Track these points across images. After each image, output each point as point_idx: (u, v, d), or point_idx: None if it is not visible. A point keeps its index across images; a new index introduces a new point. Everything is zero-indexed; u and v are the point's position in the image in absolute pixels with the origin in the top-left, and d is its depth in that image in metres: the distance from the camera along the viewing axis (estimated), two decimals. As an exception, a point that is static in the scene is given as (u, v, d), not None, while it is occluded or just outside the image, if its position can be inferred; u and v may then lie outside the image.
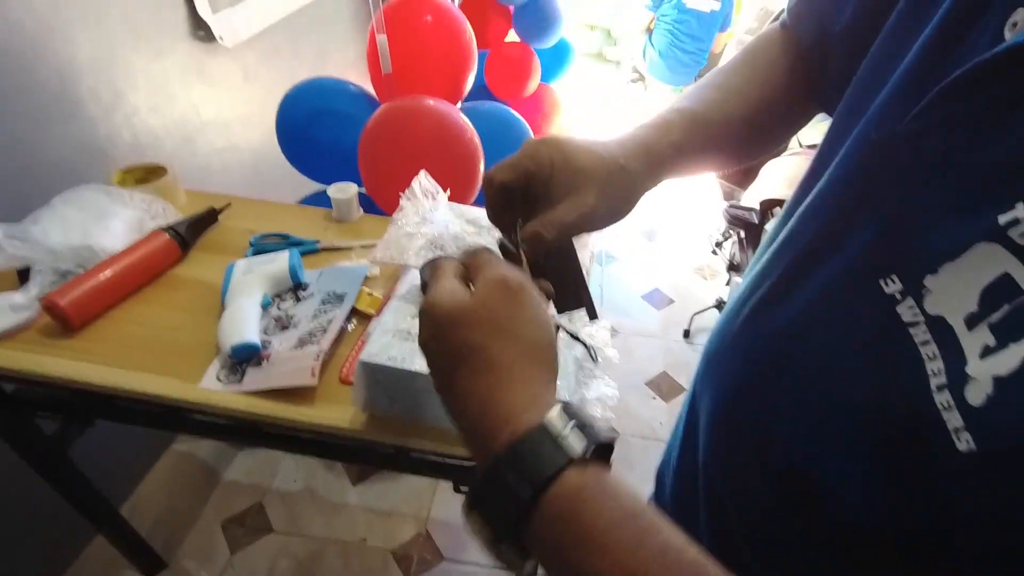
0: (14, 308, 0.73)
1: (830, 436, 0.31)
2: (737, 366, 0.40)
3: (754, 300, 0.39)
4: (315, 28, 1.84)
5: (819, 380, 0.32)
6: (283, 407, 0.67)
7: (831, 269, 0.32)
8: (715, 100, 0.48)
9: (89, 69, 1.04)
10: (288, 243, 0.91)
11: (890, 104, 0.31)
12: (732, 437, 0.40)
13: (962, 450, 0.23)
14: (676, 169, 0.46)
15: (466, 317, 0.31)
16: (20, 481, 0.99)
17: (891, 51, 0.33)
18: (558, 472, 0.26)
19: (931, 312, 0.26)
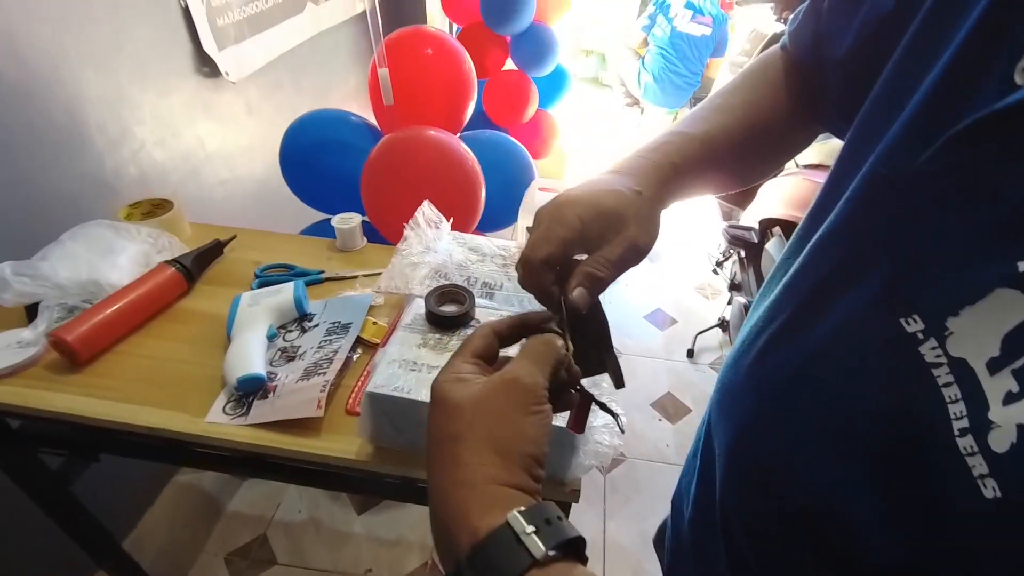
0: (22, 344, 0.74)
1: (848, 475, 0.31)
2: (752, 401, 0.39)
3: (769, 332, 0.38)
4: (315, 62, 1.89)
5: (837, 418, 0.32)
6: (289, 439, 0.67)
7: (849, 305, 0.32)
8: (716, 122, 0.48)
9: (97, 106, 1.06)
10: (293, 274, 0.92)
11: (901, 142, 0.31)
12: (748, 474, 0.39)
13: (988, 497, 0.23)
14: (681, 191, 0.46)
15: (457, 407, 0.31)
16: (21, 516, 0.98)
17: (900, 85, 0.33)
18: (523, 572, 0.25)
19: (953, 354, 0.26)
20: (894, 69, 0.34)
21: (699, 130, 0.47)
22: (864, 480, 0.30)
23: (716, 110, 0.50)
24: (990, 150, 0.26)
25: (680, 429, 1.84)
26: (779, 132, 0.51)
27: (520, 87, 2.24)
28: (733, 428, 0.42)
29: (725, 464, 0.42)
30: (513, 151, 1.37)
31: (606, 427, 0.59)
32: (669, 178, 0.44)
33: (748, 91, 0.51)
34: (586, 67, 4.86)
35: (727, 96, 0.51)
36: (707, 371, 2.08)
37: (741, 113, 0.49)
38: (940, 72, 0.30)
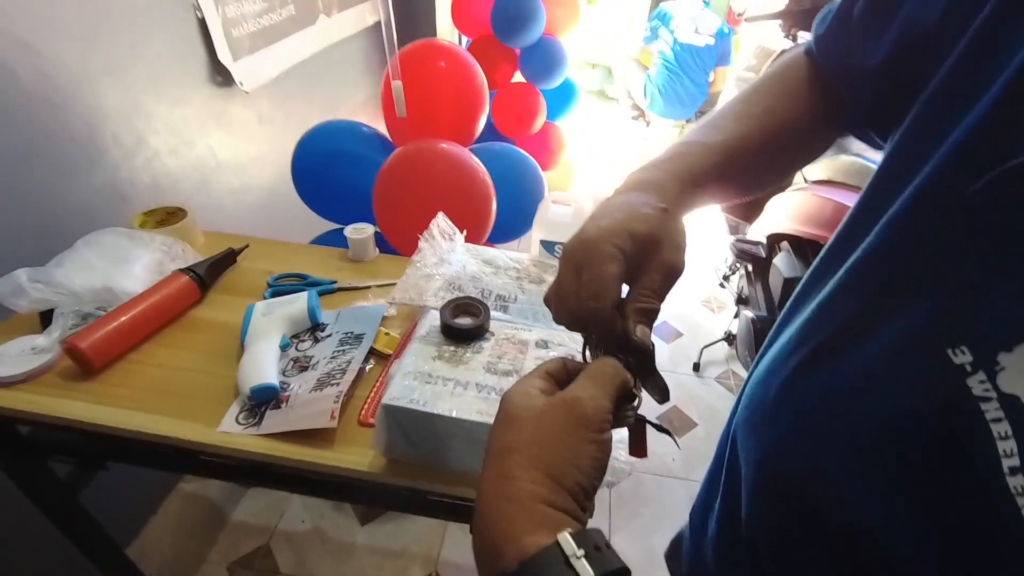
0: (36, 351, 0.74)
1: (889, 505, 0.30)
2: (785, 423, 0.38)
3: (803, 353, 0.37)
4: (326, 74, 1.91)
5: (878, 446, 0.31)
6: (302, 450, 0.66)
7: (893, 332, 0.31)
8: (733, 131, 0.47)
9: (113, 116, 1.08)
10: (305, 283, 0.92)
11: (953, 166, 0.30)
12: (779, 497, 0.38)
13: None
14: (699, 201, 0.45)
15: (516, 420, 0.32)
16: (25, 524, 0.97)
17: (948, 108, 0.32)
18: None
19: (1004, 390, 0.25)
20: (941, 89, 0.33)
21: (717, 140, 0.46)
22: (905, 510, 0.29)
23: (734, 117, 0.49)
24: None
25: (686, 443, 1.83)
26: (798, 139, 0.50)
27: (529, 99, 2.26)
28: (763, 448, 0.40)
29: (754, 484, 0.41)
30: (523, 163, 1.37)
31: (621, 443, 0.59)
32: (688, 190, 0.43)
33: (767, 97, 0.50)
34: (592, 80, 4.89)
35: (745, 103, 0.50)
36: (713, 385, 2.07)
37: (759, 121, 0.48)
38: (995, 98, 0.28)
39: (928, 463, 0.28)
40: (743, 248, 1.83)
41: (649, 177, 0.43)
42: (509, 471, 0.29)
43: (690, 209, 0.44)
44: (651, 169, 0.44)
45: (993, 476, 0.25)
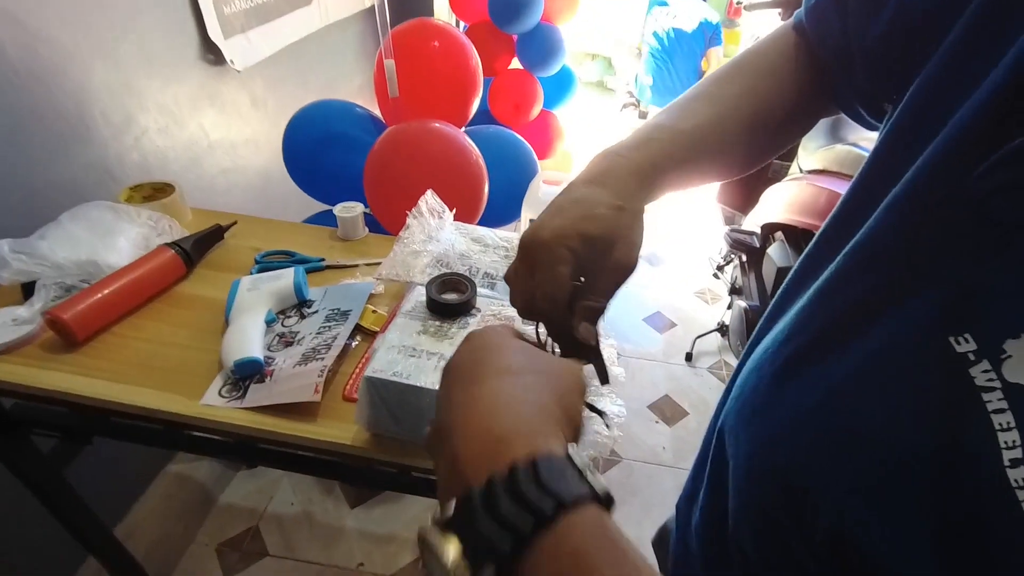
0: (17, 322, 0.73)
1: (883, 501, 0.29)
2: (780, 417, 0.37)
3: (798, 344, 0.36)
4: (321, 56, 1.89)
5: (877, 442, 0.30)
6: (285, 423, 0.66)
7: (893, 321, 0.30)
8: (706, 114, 0.46)
9: (102, 93, 1.06)
10: (293, 261, 0.91)
11: (954, 150, 0.29)
12: (769, 492, 0.37)
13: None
14: (667, 188, 0.45)
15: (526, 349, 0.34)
16: (10, 500, 0.97)
17: (950, 86, 0.31)
18: (582, 498, 0.23)
19: (1009, 379, 0.24)
20: (940, 71, 0.32)
21: (687, 125, 0.45)
22: (899, 508, 0.28)
23: (708, 100, 0.47)
24: None
25: (677, 433, 1.84)
26: (777, 120, 0.48)
27: (526, 87, 2.24)
28: (754, 441, 0.39)
29: (742, 476, 0.40)
30: (517, 147, 1.36)
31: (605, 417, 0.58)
32: (650, 181, 0.43)
33: (746, 77, 0.48)
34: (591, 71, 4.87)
35: (721, 83, 0.48)
36: (705, 375, 2.08)
37: (735, 103, 0.47)
38: (997, 82, 0.28)
39: (925, 459, 0.27)
40: (737, 238, 1.83)
41: (611, 167, 0.42)
42: (524, 385, 0.30)
43: (654, 198, 0.44)
44: (614, 156, 0.43)
45: (993, 470, 0.24)
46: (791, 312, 0.39)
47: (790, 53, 0.47)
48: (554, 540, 0.22)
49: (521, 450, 0.25)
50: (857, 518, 0.30)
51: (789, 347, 0.37)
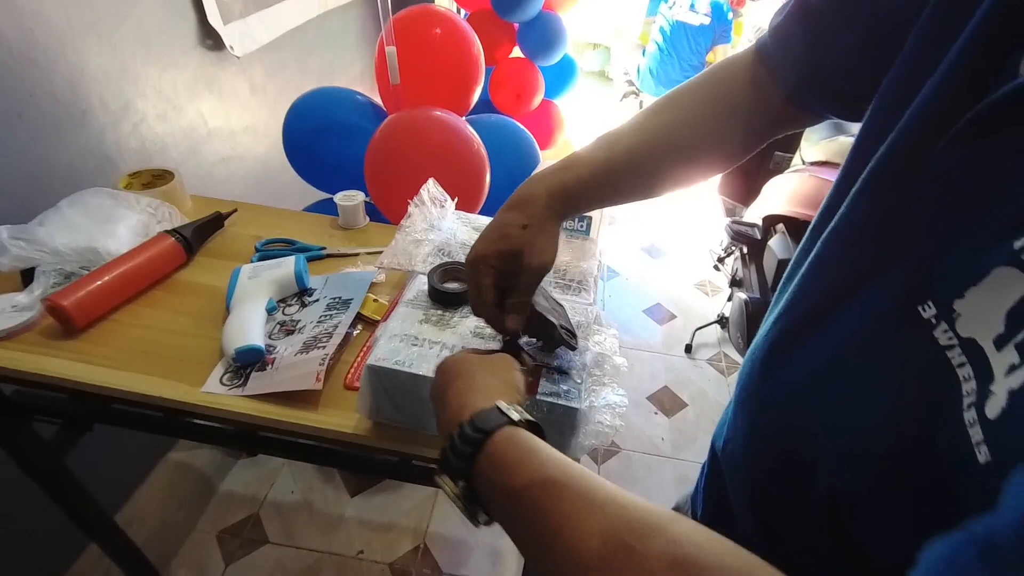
0: (17, 308, 0.73)
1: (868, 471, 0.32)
2: (770, 398, 0.41)
3: (783, 328, 0.40)
4: (321, 43, 1.87)
5: (861, 410, 0.33)
6: (287, 411, 0.66)
7: (869, 297, 0.34)
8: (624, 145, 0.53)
9: (100, 78, 1.05)
10: (294, 249, 0.91)
11: (914, 133, 0.32)
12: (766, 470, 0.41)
13: (981, 463, 0.24)
14: (579, 208, 0.54)
15: (469, 360, 0.46)
16: (12, 487, 0.97)
17: (911, 75, 0.34)
18: (500, 425, 0.36)
19: (963, 335, 0.27)
20: (901, 64, 0.36)
21: (603, 154, 0.53)
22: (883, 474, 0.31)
23: (633, 131, 0.54)
24: (992, 143, 0.28)
25: (675, 424, 1.84)
26: (703, 149, 0.54)
27: (527, 76, 2.23)
28: (750, 422, 0.43)
29: (742, 454, 0.43)
30: (519, 136, 1.35)
31: (608, 407, 0.58)
32: (561, 202, 0.51)
33: (675, 110, 0.53)
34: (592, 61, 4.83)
35: (651, 115, 0.54)
36: (705, 367, 2.08)
37: (655, 135, 0.53)
38: (946, 72, 0.31)
39: (905, 420, 0.30)
40: (739, 230, 1.83)
41: (526, 193, 0.52)
42: (475, 380, 0.42)
43: (567, 216, 0.53)
44: (534, 182, 0.52)
45: (957, 418, 0.26)
46: (781, 301, 0.42)
47: (743, 77, 0.51)
48: (486, 453, 0.35)
49: (468, 413, 0.38)
50: (848, 485, 0.33)
51: (777, 331, 0.41)
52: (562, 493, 0.30)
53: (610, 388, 0.60)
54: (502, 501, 0.34)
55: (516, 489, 0.32)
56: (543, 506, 0.31)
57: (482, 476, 0.35)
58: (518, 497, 0.32)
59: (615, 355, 0.64)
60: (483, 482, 0.35)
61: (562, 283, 0.74)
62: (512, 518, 0.33)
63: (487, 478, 0.34)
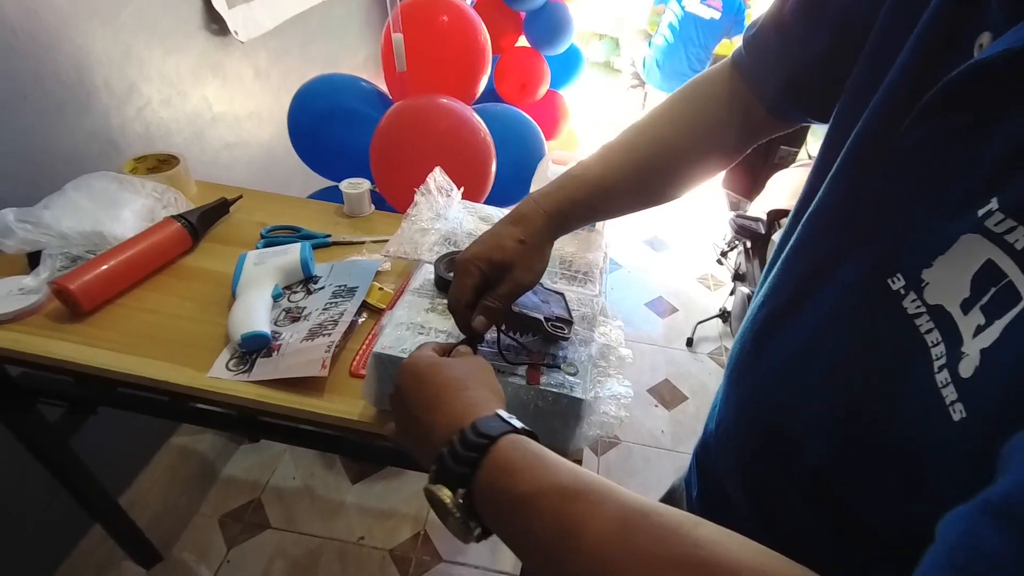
0: (23, 291, 0.73)
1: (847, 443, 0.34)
2: (759, 375, 0.43)
3: (768, 310, 0.43)
4: (326, 30, 1.85)
5: (840, 383, 0.35)
6: (292, 398, 0.66)
7: (844, 275, 0.36)
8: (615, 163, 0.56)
9: (104, 61, 1.04)
10: (299, 236, 0.91)
11: (880, 117, 0.35)
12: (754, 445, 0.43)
13: (956, 420, 0.26)
14: (573, 225, 0.57)
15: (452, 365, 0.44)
16: (18, 469, 0.98)
17: (876, 63, 0.36)
18: (504, 432, 0.35)
19: (931, 302, 0.29)
20: (868, 54, 0.38)
21: (593, 174, 0.55)
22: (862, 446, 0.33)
23: (623, 148, 0.57)
24: (952, 120, 0.30)
25: (675, 417, 1.85)
26: (690, 161, 0.57)
27: (532, 65, 2.21)
28: (740, 401, 0.46)
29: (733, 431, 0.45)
30: (524, 126, 1.35)
31: (613, 398, 0.59)
32: (556, 222, 0.54)
33: (662, 127, 0.57)
34: (598, 51, 4.79)
35: (640, 132, 0.57)
36: (706, 360, 2.08)
37: (642, 154, 0.56)
38: (908, 52, 0.34)
39: (878, 387, 0.32)
40: (743, 224, 1.82)
41: (526, 211, 0.54)
42: (467, 391, 0.41)
43: (562, 233, 0.56)
44: (532, 202, 0.55)
45: (928, 381, 0.28)
46: (765, 283, 0.45)
47: (722, 88, 0.55)
48: (491, 459, 0.34)
49: (469, 420, 0.36)
50: (831, 455, 0.35)
51: (763, 314, 0.43)
52: (577, 499, 0.30)
53: (615, 379, 0.61)
54: (510, 509, 0.32)
55: (527, 496, 0.31)
56: (559, 513, 0.30)
57: (486, 484, 0.33)
58: (530, 504, 0.31)
59: (620, 346, 0.64)
60: (486, 490, 0.33)
61: (568, 274, 0.74)
62: (519, 527, 0.32)
63: (491, 485, 0.33)
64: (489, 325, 0.52)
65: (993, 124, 0.28)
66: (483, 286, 0.53)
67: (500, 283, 0.52)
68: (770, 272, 0.45)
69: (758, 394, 0.43)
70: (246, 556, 1.34)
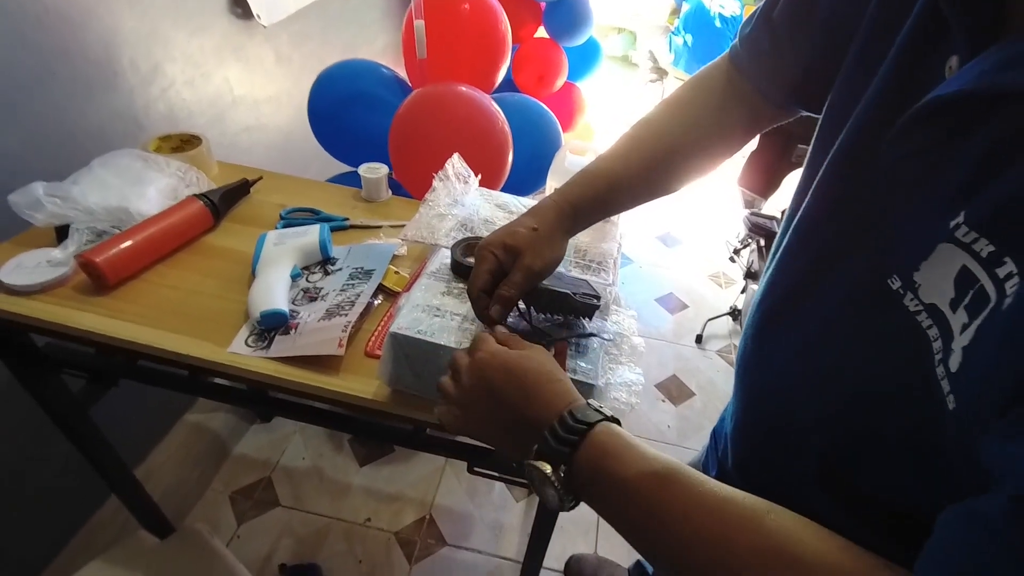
0: (52, 263, 0.75)
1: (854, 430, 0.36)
2: (764, 369, 0.45)
3: (769, 307, 0.45)
4: (346, 16, 1.86)
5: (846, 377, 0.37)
6: (309, 375, 0.68)
7: (841, 277, 0.38)
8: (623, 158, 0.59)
9: (131, 40, 1.06)
10: (318, 218, 0.92)
11: (860, 132, 0.38)
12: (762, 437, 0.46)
13: (951, 409, 0.28)
14: (589, 220, 0.60)
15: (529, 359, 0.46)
16: (41, 438, 1.01)
17: (862, 71, 0.39)
18: (600, 420, 0.40)
19: (926, 301, 0.31)
20: (854, 59, 0.40)
21: (605, 169, 0.59)
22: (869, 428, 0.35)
23: (630, 142, 0.60)
24: (922, 140, 0.32)
25: (682, 412, 1.85)
26: (695, 153, 0.60)
27: (551, 56, 2.20)
28: (746, 395, 0.48)
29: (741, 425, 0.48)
30: (542, 116, 1.35)
31: (624, 385, 0.60)
32: (569, 215, 0.58)
33: (669, 122, 0.60)
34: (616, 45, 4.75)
35: (645, 127, 0.60)
36: (714, 358, 2.08)
37: (650, 148, 0.59)
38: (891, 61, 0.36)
39: (886, 382, 0.34)
40: (757, 222, 1.82)
41: (541, 205, 0.59)
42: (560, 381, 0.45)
43: (579, 227, 0.60)
44: (548, 198, 0.59)
45: (932, 373, 0.30)
46: (763, 282, 0.47)
47: (722, 83, 0.57)
48: (589, 443, 0.38)
49: (563, 406, 0.41)
50: (838, 444, 0.37)
51: (761, 313, 0.46)
52: (671, 487, 0.34)
53: (627, 366, 0.61)
54: (608, 489, 0.37)
55: (626, 479, 0.36)
56: (654, 498, 0.35)
57: (584, 464, 0.38)
58: (629, 487, 0.36)
59: (633, 335, 0.65)
60: (584, 470, 0.38)
61: (582, 263, 0.75)
62: (617, 505, 0.37)
63: (591, 465, 0.38)
64: (505, 313, 0.54)
65: (959, 147, 0.30)
66: (498, 271, 0.55)
67: (514, 270, 0.55)
68: (766, 271, 0.48)
69: (764, 388, 0.46)
70: (255, 532, 1.37)
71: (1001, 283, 0.26)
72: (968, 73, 0.29)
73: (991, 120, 0.29)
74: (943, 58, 0.32)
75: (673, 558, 0.33)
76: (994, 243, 0.27)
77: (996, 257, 0.27)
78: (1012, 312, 0.25)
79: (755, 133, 0.60)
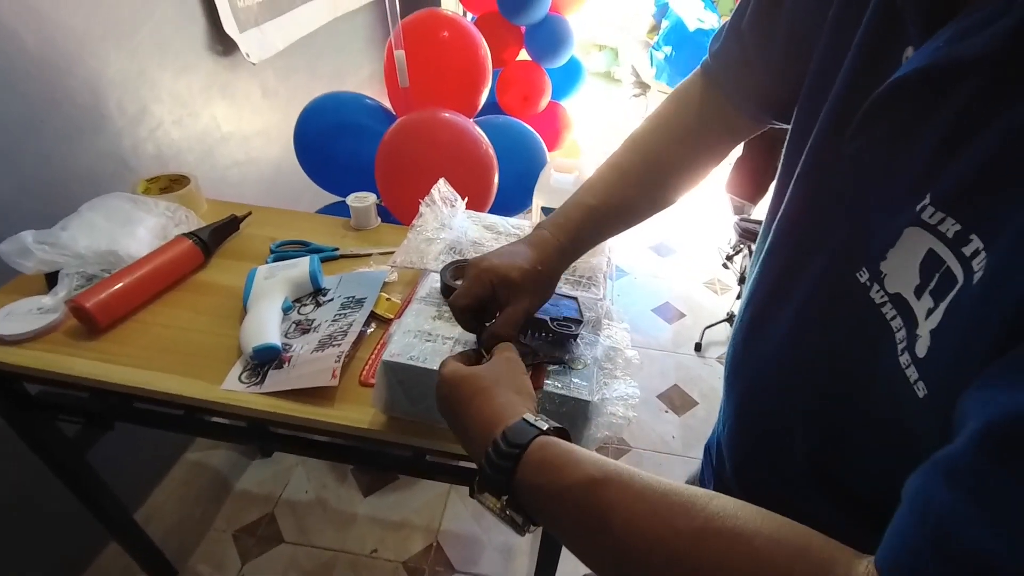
0: (42, 310, 0.75)
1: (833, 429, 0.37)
2: (751, 370, 0.46)
3: (750, 313, 0.46)
4: (331, 48, 1.89)
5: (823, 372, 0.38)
6: (304, 408, 0.67)
7: (814, 272, 0.39)
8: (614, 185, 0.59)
9: (118, 84, 1.07)
10: (308, 250, 0.93)
11: (827, 131, 0.39)
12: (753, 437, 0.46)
13: (920, 397, 0.28)
14: (582, 250, 0.59)
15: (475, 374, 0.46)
16: (39, 484, 1.00)
17: (824, 75, 0.40)
18: (533, 437, 0.38)
19: (891, 291, 0.32)
20: (817, 66, 0.41)
21: (597, 199, 0.58)
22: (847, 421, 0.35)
23: (618, 169, 0.60)
24: (885, 128, 0.33)
25: (686, 422, 1.84)
26: (680, 171, 0.60)
27: (534, 78, 2.24)
28: (738, 398, 0.49)
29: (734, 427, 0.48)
30: (526, 137, 1.37)
31: (620, 399, 0.59)
32: (568, 253, 0.57)
33: (649, 143, 0.60)
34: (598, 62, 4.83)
35: (631, 149, 0.60)
36: (715, 365, 2.08)
37: (637, 171, 0.59)
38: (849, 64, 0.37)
39: (855, 377, 0.35)
40: (747, 227, 1.83)
41: (543, 238, 0.57)
42: (494, 398, 0.43)
43: (573, 258, 0.59)
44: (547, 234, 0.57)
45: (895, 363, 0.30)
46: (748, 284, 0.48)
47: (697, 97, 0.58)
48: (524, 464, 0.37)
49: (499, 428, 0.39)
50: (821, 439, 0.38)
51: (748, 314, 0.47)
52: (608, 488, 0.33)
53: (622, 380, 0.61)
54: (547, 504, 0.36)
55: (560, 491, 0.35)
56: (590, 500, 0.33)
57: (523, 485, 0.37)
58: (562, 498, 0.35)
59: (626, 348, 0.65)
60: (525, 490, 0.37)
61: (572, 279, 0.75)
62: (558, 518, 0.36)
63: (529, 485, 0.36)
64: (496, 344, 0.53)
65: (921, 128, 0.31)
66: (489, 299, 0.53)
67: (509, 305, 0.53)
68: (751, 273, 0.49)
69: (753, 390, 0.46)
70: (260, 570, 1.34)
71: (968, 261, 0.26)
72: (922, 53, 0.30)
73: (950, 96, 0.29)
74: (901, 49, 0.33)
75: (620, 557, 0.32)
76: (960, 221, 0.27)
77: (962, 235, 0.27)
78: (984, 285, 0.25)
79: (737, 142, 0.61)
